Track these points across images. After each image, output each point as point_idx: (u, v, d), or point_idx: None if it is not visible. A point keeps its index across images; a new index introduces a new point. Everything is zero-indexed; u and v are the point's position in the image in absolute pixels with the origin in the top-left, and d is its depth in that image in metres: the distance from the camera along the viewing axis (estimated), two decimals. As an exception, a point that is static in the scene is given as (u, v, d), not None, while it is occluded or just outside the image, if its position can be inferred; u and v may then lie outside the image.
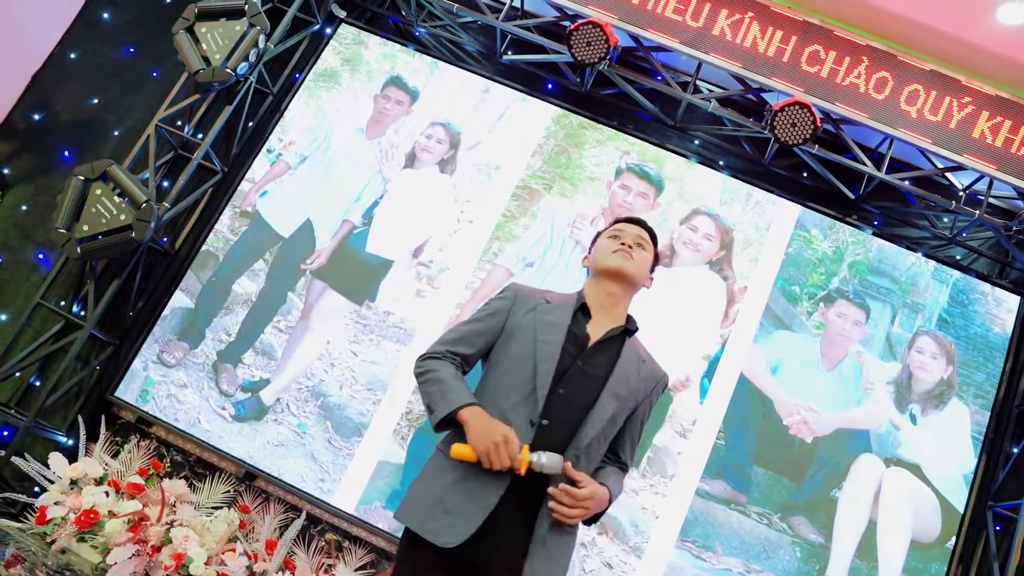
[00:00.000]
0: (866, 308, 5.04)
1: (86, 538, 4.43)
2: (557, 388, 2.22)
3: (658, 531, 4.69)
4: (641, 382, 2.35)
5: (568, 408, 2.21)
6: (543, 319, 2.31)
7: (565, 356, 2.26)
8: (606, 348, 2.32)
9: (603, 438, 2.28)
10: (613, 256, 2.39)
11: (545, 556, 2.13)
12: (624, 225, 2.52)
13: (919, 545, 4.65)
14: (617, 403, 2.26)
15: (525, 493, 2.15)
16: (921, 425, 4.84)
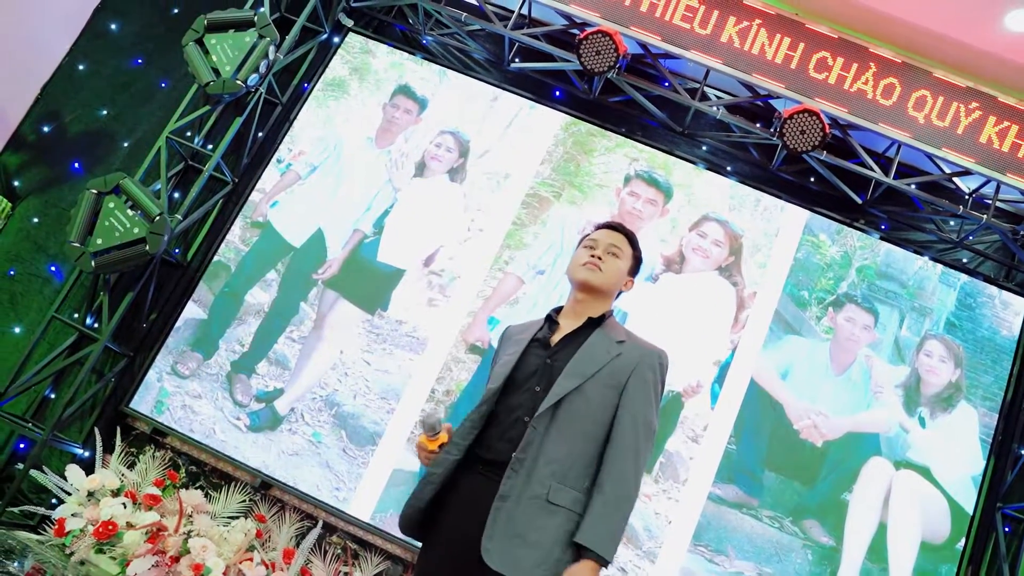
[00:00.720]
0: (874, 312, 5.09)
1: (105, 549, 4.47)
2: (533, 387, 2.34)
3: (671, 536, 4.73)
4: (619, 359, 2.38)
5: (531, 401, 2.33)
6: (514, 340, 2.51)
7: (531, 360, 2.40)
8: (571, 341, 2.42)
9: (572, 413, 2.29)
10: (581, 269, 2.49)
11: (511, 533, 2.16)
12: (599, 233, 2.59)
13: (929, 546, 4.70)
14: (579, 379, 2.31)
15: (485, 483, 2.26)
16: (930, 428, 4.89)
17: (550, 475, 2.21)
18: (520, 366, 2.38)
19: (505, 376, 2.36)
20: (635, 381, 2.36)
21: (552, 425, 2.26)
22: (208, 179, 5.06)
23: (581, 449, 2.27)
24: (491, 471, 2.26)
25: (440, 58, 5.66)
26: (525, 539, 2.15)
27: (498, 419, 2.33)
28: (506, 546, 2.13)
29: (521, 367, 2.38)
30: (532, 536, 2.15)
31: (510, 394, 2.36)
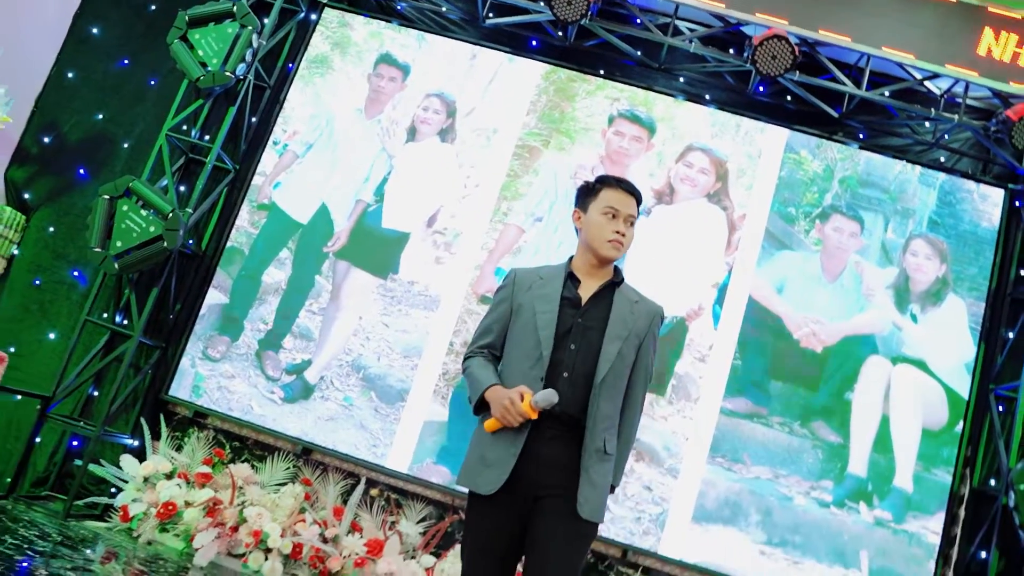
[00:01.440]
0: (860, 220, 5.33)
1: (168, 528, 4.83)
2: (567, 345, 2.57)
3: (689, 451, 5.07)
4: (638, 320, 2.66)
5: (580, 358, 2.57)
6: (538, 294, 2.66)
7: (565, 318, 2.61)
8: (598, 302, 2.65)
9: (616, 373, 2.59)
10: (607, 245, 2.64)
11: (591, 484, 2.49)
12: (618, 199, 2.68)
13: (930, 433, 5.04)
14: (620, 343, 2.60)
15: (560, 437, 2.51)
16: (922, 323, 5.19)
17: (604, 429, 2.52)
18: (560, 323, 2.59)
19: (553, 337, 2.56)
20: (648, 340, 2.66)
21: (603, 386, 2.53)
22: (211, 170, 5.26)
23: (617, 402, 2.60)
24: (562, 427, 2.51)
25: (416, 22, 5.79)
26: (596, 486, 2.48)
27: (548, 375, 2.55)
28: (590, 495, 2.47)
29: (560, 324, 2.59)
30: (600, 481, 2.50)
31: (552, 351, 2.57)
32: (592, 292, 2.65)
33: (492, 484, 2.47)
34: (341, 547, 4.76)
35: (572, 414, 2.51)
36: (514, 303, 2.69)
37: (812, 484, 5.00)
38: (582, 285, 2.67)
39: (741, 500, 4.98)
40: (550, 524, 2.46)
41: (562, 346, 2.58)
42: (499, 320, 2.70)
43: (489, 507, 2.51)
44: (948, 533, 4.92)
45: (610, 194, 2.69)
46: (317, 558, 4.70)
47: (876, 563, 4.87)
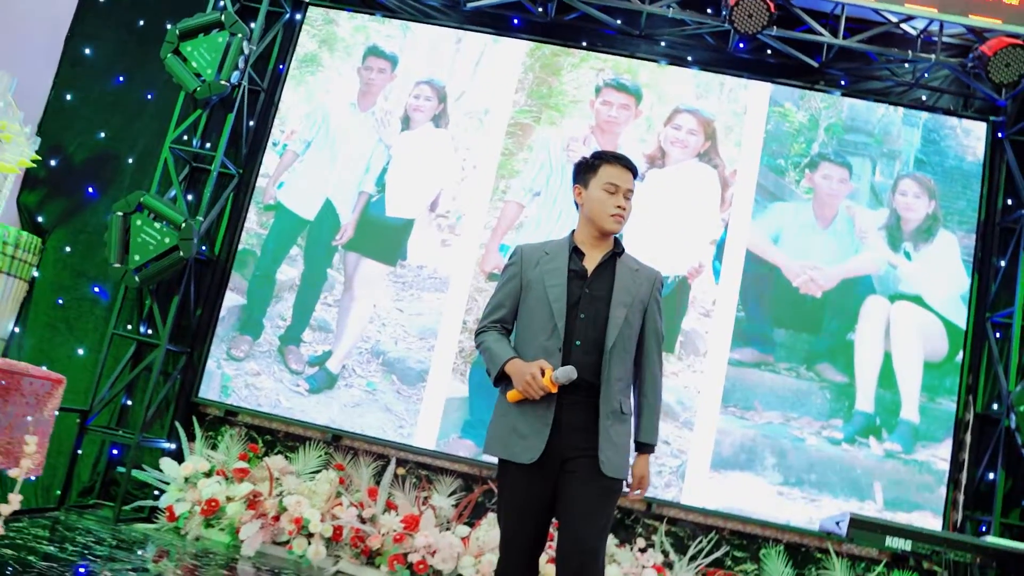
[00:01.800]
0: (848, 165, 5.48)
1: (213, 523, 5.06)
2: (577, 315, 2.76)
3: (702, 404, 5.27)
4: (640, 286, 2.86)
5: (590, 326, 2.76)
6: (546, 269, 2.84)
7: (573, 289, 2.79)
8: (602, 272, 2.84)
9: (625, 337, 2.79)
10: (609, 220, 2.82)
11: (611, 443, 2.70)
12: (618, 175, 2.85)
13: (931, 365, 5.24)
14: (626, 309, 2.79)
15: (578, 403, 2.70)
16: (915, 260, 5.36)
17: (619, 391, 2.72)
18: (569, 296, 2.78)
19: (565, 308, 2.75)
20: (653, 303, 2.86)
21: (614, 350, 2.72)
22: (216, 176, 5.42)
23: (628, 365, 2.79)
24: (581, 393, 2.70)
25: (399, 12, 5.91)
26: (617, 445, 2.69)
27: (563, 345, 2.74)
28: (611, 455, 2.66)
29: (568, 297, 2.78)
30: (620, 441, 2.71)
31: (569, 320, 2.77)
32: (596, 263, 2.83)
33: (531, 454, 2.65)
34: (379, 525, 4.99)
35: (588, 380, 2.69)
36: (523, 279, 2.86)
37: (822, 424, 5.21)
38: (586, 257, 2.84)
39: (756, 445, 5.20)
40: (578, 484, 2.65)
41: (572, 316, 2.75)
42: (510, 295, 2.87)
43: (522, 474, 2.69)
44: (956, 459, 5.13)
45: (609, 170, 2.85)
46: (357, 538, 4.93)
47: (890, 493, 5.09)
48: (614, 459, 2.68)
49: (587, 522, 2.63)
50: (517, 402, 2.70)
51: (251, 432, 5.47)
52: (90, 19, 6.03)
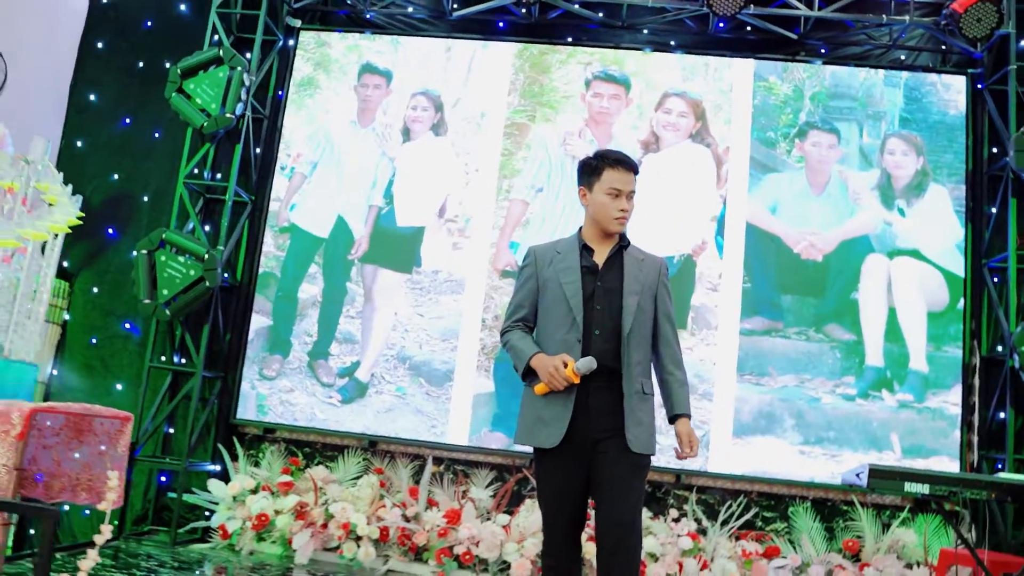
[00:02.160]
0: (835, 131, 5.68)
1: (264, 537, 5.30)
2: (594, 307, 2.97)
3: (719, 374, 5.49)
4: (647, 274, 3.06)
5: (607, 316, 2.96)
6: (560, 267, 3.03)
7: (587, 284, 2.99)
8: (612, 265, 3.04)
9: (640, 323, 2.99)
10: (614, 223, 3.01)
11: (637, 421, 2.90)
12: (620, 179, 2.99)
13: (935, 315, 5.44)
14: (637, 296, 3.00)
15: (603, 387, 2.90)
16: (909, 215, 5.56)
17: (639, 374, 2.92)
18: (584, 290, 2.98)
19: (582, 302, 2.95)
20: (661, 288, 3.06)
21: (631, 336, 2.93)
22: (231, 205, 5.63)
23: (646, 348, 2.99)
24: (603, 379, 2.88)
25: (389, 28, 6.10)
26: (642, 423, 2.89)
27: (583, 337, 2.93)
28: (638, 433, 2.86)
29: (583, 291, 2.98)
30: (645, 419, 2.90)
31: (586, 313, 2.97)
32: (605, 257, 3.02)
33: (554, 438, 2.86)
34: (423, 522, 5.22)
35: (610, 365, 2.89)
36: (539, 278, 3.05)
37: (836, 382, 5.42)
38: (596, 253, 3.04)
39: (774, 409, 5.42)
40: (609, 464, 2.86)
41: (589, 308, 2.95)
42: (528, 295, 3.07)
43: (554, 458, 2.90)
44: (967, 402, 5.34)
45: (612, 174, 2.99)
46: (404, 536, 5.16)
47: (906, 442, 5.31)
48: (641, 436, 2.87)
49: (621, 498, 2.83)
50: (544, 393, 2.90)
51: (290, 447, 5.70)
52: (91, 66, 6.24)
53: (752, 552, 5.08)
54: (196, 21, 6.10)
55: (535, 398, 2.94)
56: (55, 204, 2.91)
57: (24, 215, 2.79)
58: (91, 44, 6.27)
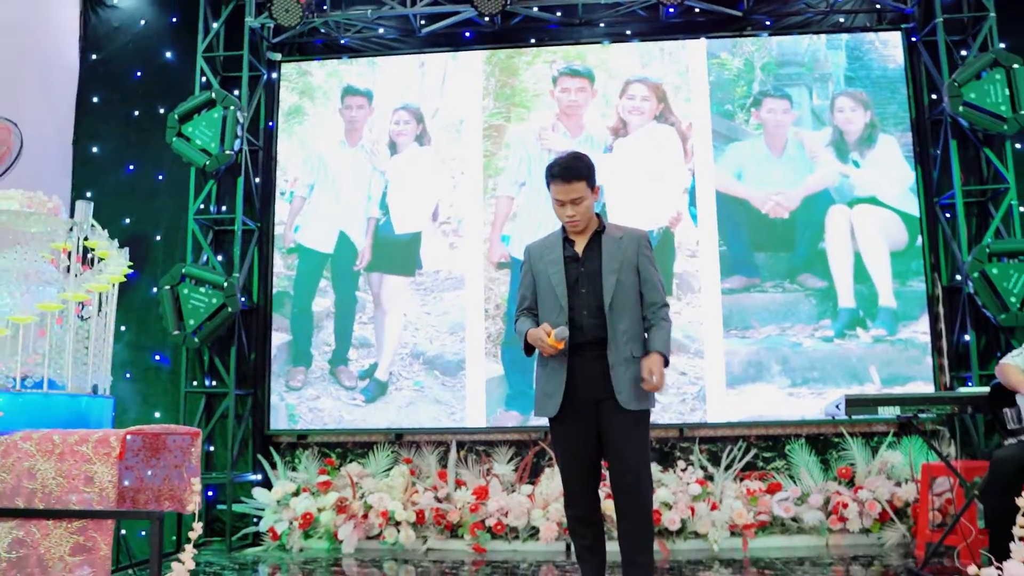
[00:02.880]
0: (787, 96, 6.14)
1: (311, 534, 5.76)
2: (579, 291, 3.37)
3: (707, 333, 5.97)
4: (626, 250, 3.41)
5: (591, 296, 3.35)
6: (547, 260, 3.43)
7: (571, 272, 3.37)
8: (592, 250, 3.42)
9: (621, 296, 3.34)
10: (568, 227, 3.40)
11: (625, 384, 3.26)
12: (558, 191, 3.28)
13: (897, 254, 5.93)
14: (616, 274, 3.36)
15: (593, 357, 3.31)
16: (864, 166, 6.03)
17: (625, 343, 3.29)
18: (568, 278, 3.38)
19: (566, 290, 3.34)
20: (643, 260, 3.40)
21: (612, 310, 3.31)
22: (240, 234, 6.07)
23: (633, 317, 3.34)
24: (590, 350, 3.30)
25: (364, 51, 6.53)
26: (636, 381, 3.25)
27: (571, 317, 3.33)
28: (628, 394, 3.24)
29: (568, 278, 3.38)
30: (628, 378, 3.25)
31: (569, 299, 3.36)
32: (584, 245, 3.41)
33: (554, 408, 3.30)
34: (454, 501, 5.69)
35: (599, 337, 3.30)
36: (534, 272, 3.48)
37: (814, 327, 5.91)
38: (576, 243, 3.42)
39: (761, 359, 5.90)
40: (611, 420, 3.27)
41: (575, 293, 3.35)
42: (528, 287, 3.50)
43: (563, 423, 3.34)
44: (935, 330, 5.84)
45: (553, 188, 3.32)
46: (438, 516, 5.63)
47: (884, 373, 5.79)
48: (632, 395, 3.25)
49: (626, 447, 3.25)
50: (542, 367, 3.36)
51: (323, 449, 6.17)
52: (89, 120, 6.66)
53: (756, 490, 5.56)
54: (183, 66, 6.53)
55: (541, 374, 3.38)
56: (106, 258, 3.34)
57: (82, 272, 3.23)
58: (87, 100, 6.69)
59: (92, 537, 2.70)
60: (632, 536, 3.21)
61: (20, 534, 2.69)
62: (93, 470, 2.70)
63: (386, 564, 5.21)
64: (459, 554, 5.46)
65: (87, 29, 6.75)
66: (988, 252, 5.43)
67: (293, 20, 5.83)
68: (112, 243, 3.38)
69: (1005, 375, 4.04)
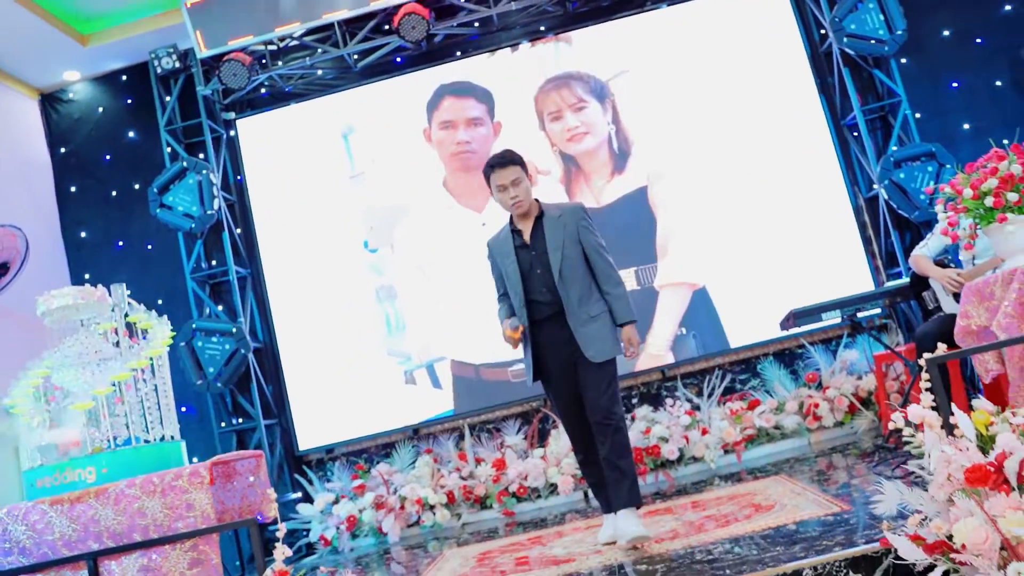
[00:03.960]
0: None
1: (357, 534, 6.37)
2: (535, 272, 3.80)
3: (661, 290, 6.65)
4: (567, 226, 3.86)
5: (545, 275, 3.78)
6: (502, 252, 3.89)
7: (523, 259, 3.83)
8: (536, 235, 3.87)
9: (571, 269, 3.75)
10: (512, 209, 3.82)
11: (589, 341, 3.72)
12: (499, 176, 3.75)
13: (822, 176, 6.61)
14: (560, 249, 3.83)
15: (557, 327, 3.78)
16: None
17: (580, 306, 3.76)
18: (521, 265, 3.83)
19: (520, 277, 3.81)
20: (583, 231, 3.84)
21: (562, 281, 3.75)
22: (236, 282, 6.66)
23: (584, 284, 3.80)
24: (553, 321, 3.80)
25: (307, 94, 7.09)
26: (593, 338, 3.75)
27: (532, 298, 3.81)
28: (593, 349, 3.75)
29: (522, 265, 3.83)
30: (597, 335, 3.77)
31: (526, 282, 3.82)
32: (530, 231, 3.84)
33: (529, 376, 3.89)
34: (477, 477, 6.33)
35: (558, 309, 3.77)
36: (497, 264, 3.95)
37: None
38: (523, 231, 3.86)
39: (716, 294, 6.59)
40: (584, 375, 3.77)
41: (531, 276, 3.84)
42: (498, 278, 4.03)
43: (548, 385, 3.93)
44: (864, 237, 6.53)
45: (493, 176, 3.77)
46: (466, 492, 6.27)
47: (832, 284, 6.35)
48: (596, 349, 3.76)
49: (597, 392, 3.74)
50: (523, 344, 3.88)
51: (350, 457, 6.79)
52: (71, 208, 7.19)
53: (738, 409, 6.25)
54: (147, 141, 7.09)
55: (526, 349, 3.91)
56: (150, 328, 3.93)
57: (132, 344, 3.83)
58: (65, 190, 7.22)
59: (203, 551, 3.33)
60: (610, 450, 3.71)
61: (144, 561, 3.30)
62: (192, 498, 3.31)
63: (430, 544, 5.81)
64: (492, 522, 6.08)
65: (50, 125, 7.26)
66: (893, 160, 6.15)
67: (242, 82, 6.39)
68: (151, 314, 3.96)
69: (916, 264, 4.73)
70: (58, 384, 3.62)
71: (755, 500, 4.33)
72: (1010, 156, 3.28)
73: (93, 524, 3.30)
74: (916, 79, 6.61)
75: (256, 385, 6.60)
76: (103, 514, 3.30)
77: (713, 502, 4.59)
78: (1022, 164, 3.25)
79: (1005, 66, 6.57)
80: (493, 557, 4.47)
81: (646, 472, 5.98)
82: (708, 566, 3.16)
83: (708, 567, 3.15)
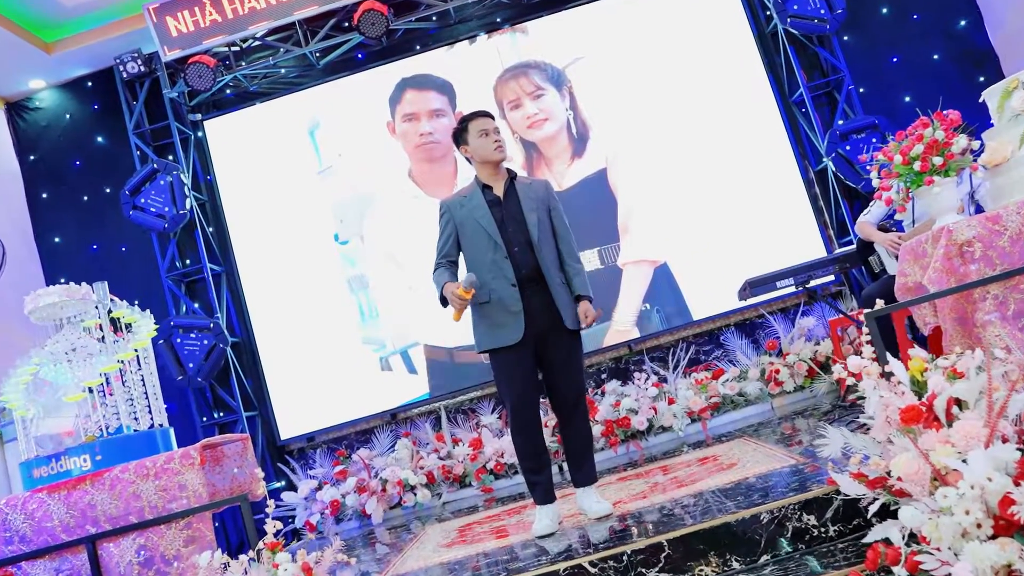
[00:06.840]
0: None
1: (341, 518, 6.56)
2: (508, 228, 3.70)
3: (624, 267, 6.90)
4: (538, 193, 3.80)
5: (519, 233, 3.71)
6: (470, 206, 3.76)
7: (496, 213, 3.73)
8: (509, 194, 3.78)
9: (544, 233, 3.72)
10: (495, 153, 3.75)
11: (566, 306, 3.68)
12: (484, 123, 3.75)
13: (773, 151, 6.89)
14: (536, 212, 3.73)
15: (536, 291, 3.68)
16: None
17: (555, 270, 3.73)
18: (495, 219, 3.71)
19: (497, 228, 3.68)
20: (551, 201, 3.88)
21: (540, 243, 3.71)
22: (210, 279, 6.80)
23: (553, 249, 3.80)
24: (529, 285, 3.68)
25: (273, 93, 7.24)
26: (568, 305, 3.73)
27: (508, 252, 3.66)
28: (569, 314, 3.71)
29: (495, 219, 3.71)
30: (566, 301, 3.74)
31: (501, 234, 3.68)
32: (502, 190, 3.79)
33: (516, 335, 3.62)
34: (455, 457, 6.55)
35: (533, 271, 3.68)
36: (456, 221, 3.79)
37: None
38: (494, 188, 3.81)
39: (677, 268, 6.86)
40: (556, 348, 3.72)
41: (504, 231, 3.71)
42: (450, 237, 3.80)
43: (513, 351, 3.66)
44: (816, 208, 6.83)
45: (474, 124, 3.78)
46: (445, 472, 6.47)
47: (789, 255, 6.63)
48: (571, 317, 3.72)
49: (572, 370, 3.78)
50: (487, 302, 3.66)
51: (331, 445, 6.98)
52: (44, 214, 7.28)
53: (703, 379, 6.52)
54: (115, 145, 7.20)
55: (485, 311, 3.70)
56: (134, 322, 4.08)
57: (117, 339, 3.99)
58: (36, 196, 7.31)
59: (198, 528, 3.50)
60: (582, 423, 3.80)
61: (142, 541, 3.48)
62: (184, 479, 3.49)
63: (413, 524, 6.02)
64: (472, 499, 6.30)
65: (18, 133, 7.34)
66: (839, 134, 6.43)
67: (207, 84, 6.52)
68: (134, 309, 4.12)
69: (861, 231, 5.00)
70: (47, 380, 3.80)
71: (720, 461, 4.57)
72: (934, 123, 3.54)
73: (90, 509, 3.47)
74: (858, 55, 6.90)
75: (235, 378, 6.76)
76: (100, 499, 3.47)
77: (681, 465, 4.83)
78: (945, 130, 3.52)
79: (940, 40, 6.88)
80: (473, 529, 4.69)
81: (616, 443, 6.23)
82: (674, 516, 3.41)
83: (674, 517, 3.39)
